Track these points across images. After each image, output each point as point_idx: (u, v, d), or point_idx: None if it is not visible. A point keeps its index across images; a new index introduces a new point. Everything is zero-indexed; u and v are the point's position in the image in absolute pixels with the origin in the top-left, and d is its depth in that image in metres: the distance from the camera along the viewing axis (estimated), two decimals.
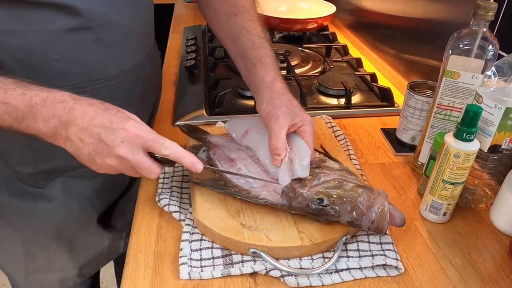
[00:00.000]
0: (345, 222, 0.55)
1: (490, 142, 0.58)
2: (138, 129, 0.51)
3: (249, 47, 0.67)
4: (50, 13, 0.55)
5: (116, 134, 0.50)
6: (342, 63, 1.15)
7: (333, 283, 0.53)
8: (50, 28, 0.56)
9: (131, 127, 0.51)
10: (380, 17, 1.13)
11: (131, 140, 0.51)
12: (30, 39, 0.56)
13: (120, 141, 0.50)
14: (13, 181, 0.69)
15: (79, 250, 0.79)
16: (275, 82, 0.64)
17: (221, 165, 0.64)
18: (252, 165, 0.64)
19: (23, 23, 0.55)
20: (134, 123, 0.51)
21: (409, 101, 0.75)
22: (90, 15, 0.58)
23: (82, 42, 0.60)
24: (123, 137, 0.50)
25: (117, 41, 0.64)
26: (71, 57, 0.60)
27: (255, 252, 0.54)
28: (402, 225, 0.55)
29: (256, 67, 0.65)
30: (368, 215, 0.54)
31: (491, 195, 0.65)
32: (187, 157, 0.54)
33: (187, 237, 0.57)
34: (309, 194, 0.56)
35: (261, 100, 0.63)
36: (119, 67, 0.66)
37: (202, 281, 0.53)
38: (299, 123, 0.61)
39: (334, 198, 0.55)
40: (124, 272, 0.54)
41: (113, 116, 0.51)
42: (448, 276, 0.55)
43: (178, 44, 1.28)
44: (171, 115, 0.90)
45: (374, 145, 0.82)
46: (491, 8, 0.57)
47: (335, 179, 0.58)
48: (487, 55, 0.60)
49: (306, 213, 0.57)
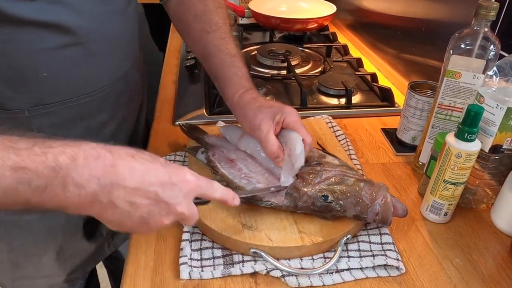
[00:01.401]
0: (351, 216, 0.56)
1: (491, 142, 0.58)
2: (196, 177, 0.46)
3: (219, 66, 0.67)
4: (42, 32, 0.54)
5: (178, 190, 0.44)
6: (342, 63, 1.15)
7: (334, 283, 0.53)
8: (40, 47, 0.55)
9: (191, 177, 0.45)
10: (381, 17, 1.13)
11: (192, 192, 0.45)
12: (21, 59, 0.55)
13: (183, 197, 0.44)
14: None
15: (66, 258, 0.77)
16: (242, 97, 0.63)
17: (221, 167, 0.64)
18: (252, 164, 0.64)
19: (13, 43, 0.53)
20: (189, 171, 0.46)
21: (410, 101, 0.75)
22: (82, 32, 0.57)
23: (73, 58, 0.59)
24: (185, 191, 0.44)
25: (108, 53, 0.63)
26: (62, 73, 0.59)
27: (256, 252, 0.54)
28: (405, 215, 0.56)
29: (227, 88, 0.65)
30: (373, 207, 0.55)
31: (492, 196, 0.65)
32: (230, 195, 0.50)
33: (187, 237, 0.57)
34: (313, 192, 0.57)
35: (240, 119, 0.63)
36: (109, 78, 0.66)
37: (203, 281, 0.53)
38: (280, 119, 0.59)
39: (338, 194, 0.56)
40: (124, 272, 0.54)
41: (166, 168, 0.44)
42: (449, 276, 0.55)
43: (178, 44, 1.28)
44: (171, 114, 0.89)
45: (375, 145, 0.82)
46: (492, 8, 0.57)
47: (336, 175, 0.59)
48: (489, 55, 0.60)
49: (312, 211, 0.57)
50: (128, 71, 0.71)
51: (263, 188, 0.59)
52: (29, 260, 0.75)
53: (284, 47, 1.19)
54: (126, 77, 0.70)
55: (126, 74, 0.70)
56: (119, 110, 0.72)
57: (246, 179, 0.61)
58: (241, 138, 0.67)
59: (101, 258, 0.87)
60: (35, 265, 0.76)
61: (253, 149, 0.65)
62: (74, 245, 0.77)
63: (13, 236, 0.71)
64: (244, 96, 0.63)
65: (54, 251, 0.75)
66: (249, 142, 0.66)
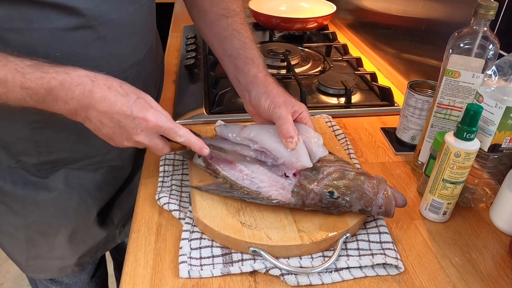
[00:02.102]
0: (357, 210, 0.57)
1: (490, 142, 0.58)
2: (157, 119, 0.55)
3: (240, 47, 0.68)
4: (52, 12, 0.56)
5: (137, 124, 0.54)
6: (342, 63, 1.15)
7: (333, 282, 0.53)
8: (52, 27, 0.57)
9: (151, 117, 0.54)
10: (380, 16, 1.13)
11: (150, 129, 0.55)
12: (33, 37, 0.57)
13: (140, 130, 0.54)
14: (16, 170, 0.70)
15: (78, 241, 0.81)
16: (268, 78, 0.65)
17: (221, 169, 0.63)
18: (252, 164, 0.63)
19: (26, 21, 0.55)
20: (153, 112, 0.55)
21: (409, 101, 0.75)
22: (91, 14, 0.59)
23: (83, 40, 0.60)
24: (143, 127, 0.54)
25: (119, 38, 0.64)
26: (73, 54, 0.60)
27: (255, 251, 0.54)
28: (404, 205, 0.57)
29: (249, 66, 0.66)
30: (376, 201, 0.56)
31: (491, 195, 0.65)
32: (197, 143, 0.59)
33: (186, 236, 0.57)
34: (319, 189, 0.57)
35: (258, 94, 0.63)
36: (120, 64, 0.67)
37: (202, 280, 0.53)
38: (299, 110, 0.63)
39: (342, 189, 0.56)
40: (124, 270, 0.54)
41: (133, 104, 0.54)
42: (448, 275, 0.55)
43: (178, 43, 1.28)
44: (171, 113, 0.89)
45: (374, 145, 0.82)
46: (492, 7, 0.57)
47: (336, 170, 0.59)
48: (488, 55, 0.60)
49: (320, 208, 0.58)
50: (142, 60, 0.72)
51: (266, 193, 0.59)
52: (44, 239, 0.78)
53: (283, 46, 1.19)
54: (140, 66, 0.71)
55: (139, 62, 0.71)
56: None
57: (249, 180, 0.61)
58: (243, 129, 0.65)
59: (112, 245, 0.90)
60: (48, 244, 0.79)
61: (257, 131, 0.63)
62: (86, 229, 0.81)
63: (28, 211, 0.74)
64: (269, 77, 0.66)
65: (67, 232, 0.78)
66: (252, 128, 0.64)
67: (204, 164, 0.65)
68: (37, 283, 0.93)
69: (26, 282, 1.65)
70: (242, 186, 0.60)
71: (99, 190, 0.78)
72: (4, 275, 1.74)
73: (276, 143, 0.61)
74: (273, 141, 0.61)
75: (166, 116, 0.57)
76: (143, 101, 0.55)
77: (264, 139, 0.62)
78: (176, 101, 0.94)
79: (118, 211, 0.86)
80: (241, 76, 0.67)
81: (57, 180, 0.72)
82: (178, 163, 0.72)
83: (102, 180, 0.77)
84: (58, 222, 0.76)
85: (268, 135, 0.62)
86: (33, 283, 0.96)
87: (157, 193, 0.65)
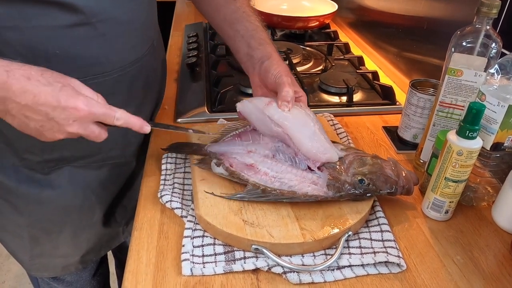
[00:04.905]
0: (385, 193, 0.60)
1: (493, 140, 0.58)
2: (89, 106, 0.51)
3: (253, 29, 0.69)
4: (51, 10, 0.56)
5: (67, 114, 0.50)
6: (343, 61, 1.15)
7: (335, 280, 0.53)
8: (51, 24, 0.57)
9: (82, 105, 0.50)
10: (382, 15, 1.13)
11: (84, 118, 0.51)
12: (32, 35, 0.57)
13: (72, 120, 0.50)
14: (20, 168, 0.70)
15: (81, 239, 0.81)
16: (282, 59, 0.67)
17: (246, 175, 0.61)
18: (274, 165, 0.62)
19: (25, 19, 0.55)
20: (83, 100, 0.50)
21: (411, 99, 0.75)
22: (90, 12, 0.58)
23: (83, 37, 0.60)
24: (75, 116, 0.50)
25: (118, 35, 0.64)
26: (73, 52, 0.60)
27: (257, 249, 0.54)
28: (417, 183, 0.62)
29: (264, 45, 0.67)
30: (399, 182, 0.60)
31: (493, 193, 0.65)
32: (137, 122, 0.55)
33: (189, 234, 0.57)
34: (351, 179, 0.59)
35: (271, 64, 0.64)
36: (121, 61, 0.67)
37: (204, 277, 0.53)
38: (299, 93, 0.66)
39: (369, 175, 0.59)
40: (126, 268, 0.55)
41: (59, 93, 0.49)
42: (450, 273, 0.55)
43: (180, 42, 1.28)
44: (173, 112, 0.89)
45: (376, 143, 0.82)
46: (494, 5, 0.57)
47: (355, 158, 0.61)
48: (490, 53, 0.60)
49: (355, 197, 0.59)
50: (143, 57, 0.72)
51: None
52: (47, 237, 0.78)
53: (285, 45, 1.19)
54: (141, 63, 0.71)
55: (140, 59, 0.71)
56: (134, 96, 0.73)
57: (278, 181, 0.60)
58: (268, 104, 0.62)
59: (115, 243, 0.90)
60: (52, 242, 0.79)
61: (282, 114, 0.61)
62: (90, 227, 0.81)
63: (32, 209, 0.74)
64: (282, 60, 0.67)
65: (71, 230, 0.78)
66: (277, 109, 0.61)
67: (227, 172, 0.62)
68: (39, 281, 0.93)
69: (27, 280, 1.66)
70: (275, 188, 0.59)
71: (103, 188, 0.78)
72: (5, 274, 1.75)
73: (300, 133, 0.60)
74: (298, 131, 0.60)
75: (99, 101, 0.53)
76: (70, 88, 0.51)
77: (290, 126, 0.60)
78: (178, 100, 0.94)
79: (122, 209, 0.86)
80: (256, 52, 0.67)
81: (61, 178, 0.72)
82: (180, 161, 0.72)
83: (106, 178, 0.77)
84: (62, 220, 0.77)
85: (294, 122, 0.60)
86: (34, 281, 0.96)
87: (159, 191, 0.65)
